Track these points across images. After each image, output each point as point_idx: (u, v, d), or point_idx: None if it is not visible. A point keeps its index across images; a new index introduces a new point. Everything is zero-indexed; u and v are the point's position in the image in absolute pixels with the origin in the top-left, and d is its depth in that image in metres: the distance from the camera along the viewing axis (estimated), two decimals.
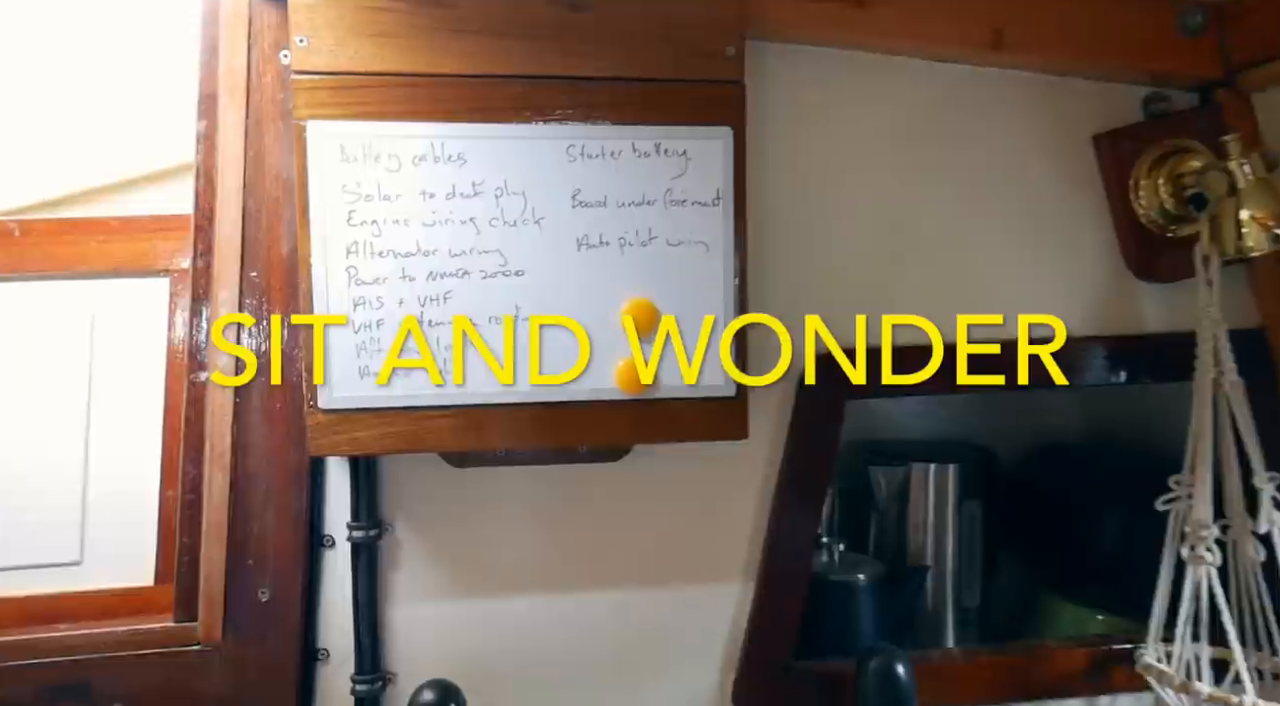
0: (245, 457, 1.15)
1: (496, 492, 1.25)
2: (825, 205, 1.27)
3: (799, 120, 1.25)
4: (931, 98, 1.28)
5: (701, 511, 1.29)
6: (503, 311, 1.07)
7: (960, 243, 1.30)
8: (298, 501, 1.17)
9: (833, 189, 1.27)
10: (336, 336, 1.05)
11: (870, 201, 1.28)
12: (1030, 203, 1.31)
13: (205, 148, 1.12)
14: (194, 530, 1.15)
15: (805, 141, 1.26)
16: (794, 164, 1.25)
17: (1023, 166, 1.30)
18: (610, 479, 1.26)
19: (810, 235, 1.27)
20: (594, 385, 1.10)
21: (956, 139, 1.29)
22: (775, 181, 1.24)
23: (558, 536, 1.26)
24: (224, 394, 1.14)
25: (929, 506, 1.63)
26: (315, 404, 1.05)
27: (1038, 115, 1.30)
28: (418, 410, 1.07)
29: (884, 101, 1.27)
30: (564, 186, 1.08)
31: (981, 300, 1.30)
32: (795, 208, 1.26)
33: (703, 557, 1.29)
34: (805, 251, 1.27)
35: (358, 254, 1.05)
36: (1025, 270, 1.31)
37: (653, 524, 1.28)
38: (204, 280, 1.13)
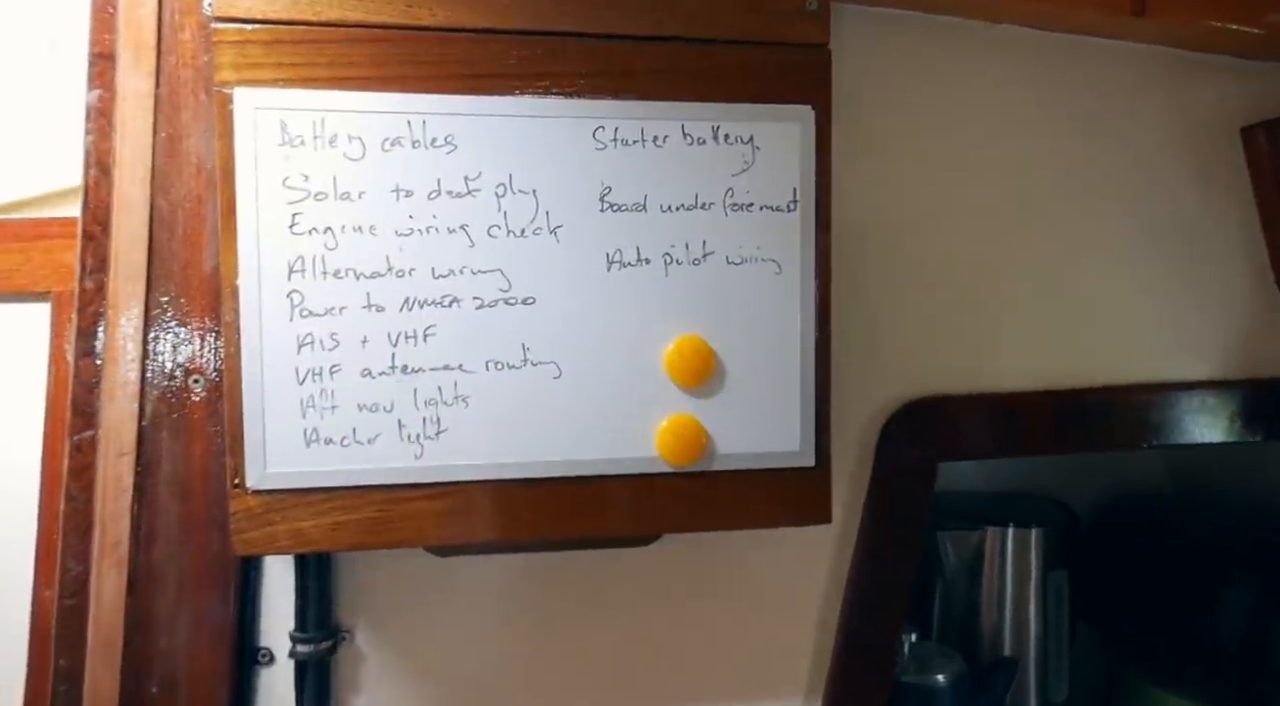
0: (149, 548, 0.85)
1: (490, 588, 0.95)
2: (913, 212, 1.00)
3: (882, 104, 0.98)
4: (1048, 77, 1.01)
5: (753, 608, 1.00)
6: (505, 353, 0.78)
7: (1079, 259, 1.02)
8: (222, 607, 0.87)
9: (923, 192, 1.00)
10: (274, 388, 0.75)
11: (971, 208, 1.00)
12: (1162, 210, 1.04)
13: (97, 127, 0.82)
14: (76, 647, 0.84)
15: (889, 131, 0.99)
16: (874, 161, 0.98)
17: (1155, 165, 1.03)
18: (638, 569, 0.98)
19: (893, 251, 1.00)
20: (628, 453, 0.80)
21: (1076, 129, 1.02)
22: (850, 182, 0.96)
23: (570, 644, 0.97)
24: (120, 461, 0.84)
25: (1007, 578, 1.35)
26: (240, 483, 0.75)
27: (1174, 101, 1.03)
28: (387, 489, 0.78)
29: (989, 81, 1.00)
30: (589, 183, 0.79)
31: (1106, 332, 1.03)
32: (874, 216, 0.98)
33: (755, 669, 1.00)
34: (886, 272, 0.99)
35: (304, 274, 0.75)
36: (1156, 296, 1.04)
37: (692, 626, 1.00)
38: (95, 306, 0.83)
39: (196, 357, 0.85)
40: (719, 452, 0.82)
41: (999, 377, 1.01)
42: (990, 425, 1.01)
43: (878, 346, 1.00)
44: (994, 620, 1.35)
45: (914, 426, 1.00)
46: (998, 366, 1.01)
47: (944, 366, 1.01)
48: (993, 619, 1.35)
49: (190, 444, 0.85)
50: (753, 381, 0.82)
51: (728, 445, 0.82)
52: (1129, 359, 1.02)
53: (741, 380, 0.82)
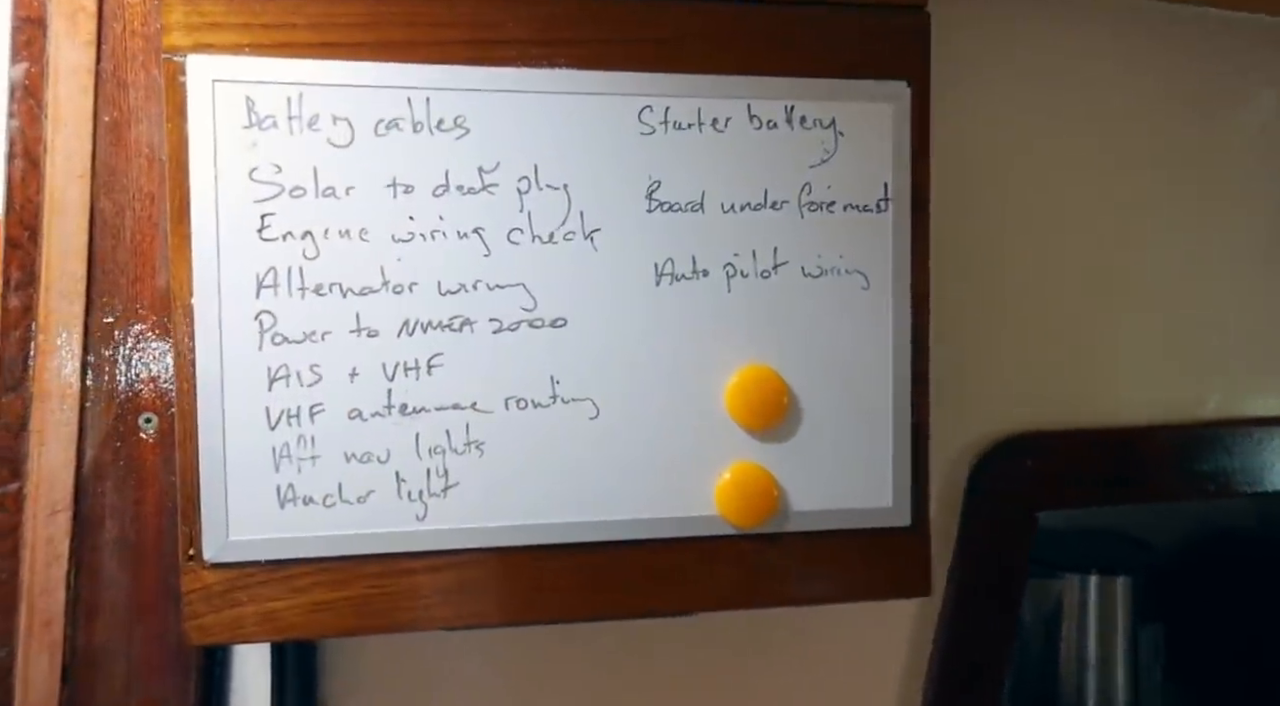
0: (89, 628, 0.69)
1: (507, 663, 0.79)
2: (1008, 214, 0.84)
3: (973, 87, 0.82)
4: (1167, 57, 0.85)
5: (818, 684, 0.84)
6: (529, 389, 0.63)
7: (1203, 267, 0.87)
8: (182, 694, 0.71)
9: (1021, 190, 0.84)
10: (238, 434, 0.59)
11: (1076, 209, 0.85)
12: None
13: (24, 109, 0.67)
14: None
15: (979, 118, 0.83)
16: (962, 153, 0.82)
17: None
18: (681, 637, 0.82)
19: (982, 259, 0.84)
20: (682, 511, 0.65)
21: (1197, 117, 0.86)
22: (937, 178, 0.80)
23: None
24: (52, 520, 0.68)
25: (1090, 633, 1.19)
26: (196, 554, 0.59)
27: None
28: (382, 559, 0.62)
29: (1098, 61, 0.84)
30: (633, 177, 0.64)
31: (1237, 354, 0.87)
32: (962, 220, 0.83)
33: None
34: (974, 284, 0.84)
35: (277, 289, 0.59)
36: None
37: (745, 704, 0.83)
38: (20, 329, 0.67)
39: (148, 392, 0.69)
40: (793, 510, 0.66)
41: (1111, 409, 0.85)
42: (1101, 466, 0.85)
43: (964, 373, 0.84)
44: (1075, 682, 1.19)
45: (1009, 469, 0.84)
46: (1109, 396, 0.85)
47: (1044, 396, 0.85)
48: (1073, 681, 1.19)
49: (141, 498, 0.69)
50: (834, 422, 0.67)
51: (804, 500, 0.66)
52: (1267, 385, 0.86)
53: (820, 420, 0.66)
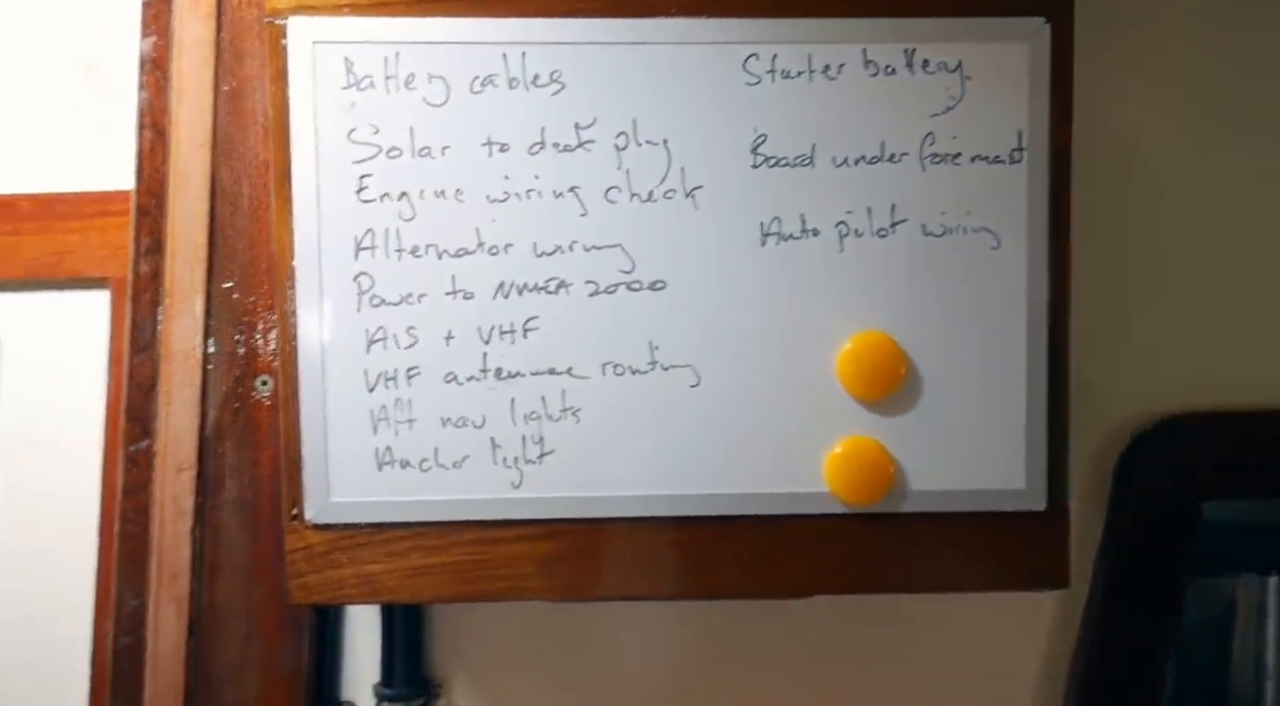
0: (213, 582, 0.72)
1: (612, 639, 0.78)
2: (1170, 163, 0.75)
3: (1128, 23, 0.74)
4: None
5: (942, 678, 0.78)
6: (626, 354, 0.60)
7: None
8: (296, 653, 0.73)
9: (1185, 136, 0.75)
10: (339, 396, 0.60)
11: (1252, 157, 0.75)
12: None
13: (151, 82, 0.69)
14: (133, 693, 0.72)
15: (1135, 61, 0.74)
16: (1114, 93, 0.74)
17: None
18: (793, 623, 0.78)
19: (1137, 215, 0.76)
20: (787, 486, 0.61)
21: None
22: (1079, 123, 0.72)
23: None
24: (179, 477, 0.71)
25: (1270, 640, 1.06)
26: (299, 515, 0.60)
27: None
28: (479, 526, 0.61)
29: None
30: (738, 130, 0.60)
31: None
32: (1112, 170, 0.74)
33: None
34: (1128, 244, 0.76)
35: (375, 251, 0.59)
36: None
37: (861, 694, 0.79)
38: (149, 293, 0.71)
39: (264, 355, 0.71)
40: (911, 489, 0.61)
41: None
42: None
43: (1114, 345, 0.76)
44: (1251, 693, 1.07)
45: (1168, 454, 0.75)
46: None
47: (1208, 373, 0.76)
48: (1250, 692, 1.07)
49: (258, 459, 0.71)
50: (959, 394, 0.61)
51: (923, 479, 0.61)
52: None
53: (943, 392, 0.61)
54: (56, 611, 0.76)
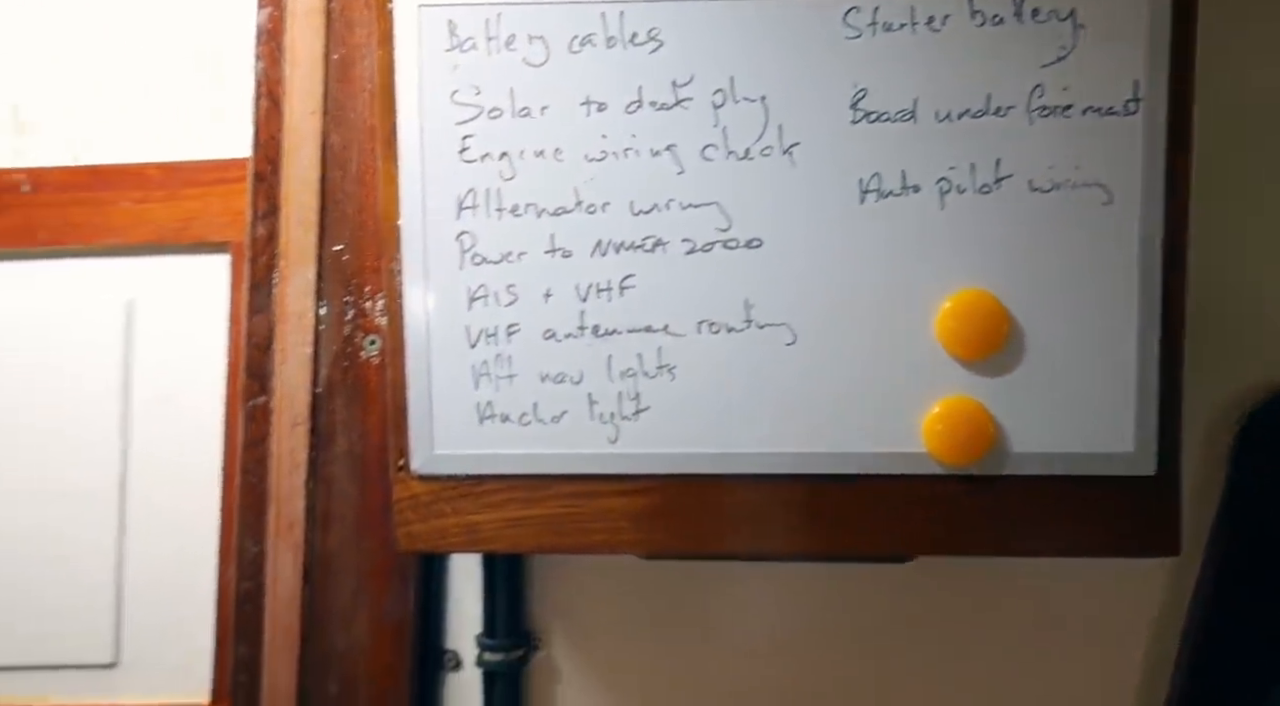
0: (325, 532, 0.75)
1: (707, 599, 0.78)
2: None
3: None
4: None
5: (1045, 647, 0.77)
6: (722, 312, 0.60)
7: None
8: (403, 601, 0.76)
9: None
10: (442, 352, 0.62)
11: None
12: None
13: (267, 52, 0.72)
14: (254, 635, 0.76)
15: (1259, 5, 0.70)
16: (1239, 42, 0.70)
17: None
18: (892, 587, 0.77)
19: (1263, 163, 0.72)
20: (884, 446, 0.60)
21: None
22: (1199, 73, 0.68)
23: (804, 671, 0.78)
24: (294, 432, 0.74)
25: None
26: (405, 466, 0.63)
27: None
28: (575, 480, 0.62)
29: None
30: (837, 85, 0.59)
31: None
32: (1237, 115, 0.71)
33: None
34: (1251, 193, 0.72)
35: (476, 210, 0.61)
36: None
37: (959, 662, 0.78)
38: (267, 256, 0.74)
39: (371, 315, 0.74)
40: (1012, 451, 0.60)
41: None
42: None
43: (1233, 306, 0.72)
44: None
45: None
46: None
47: None
48: None
49: (366, 415, 0.75)
50: (1064, 354, 0.59)
51: (1025, 441, 0.60)
52: None
53: (1047, 352, 0.59)
54: (184, 556, 0.81)
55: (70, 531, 0.81)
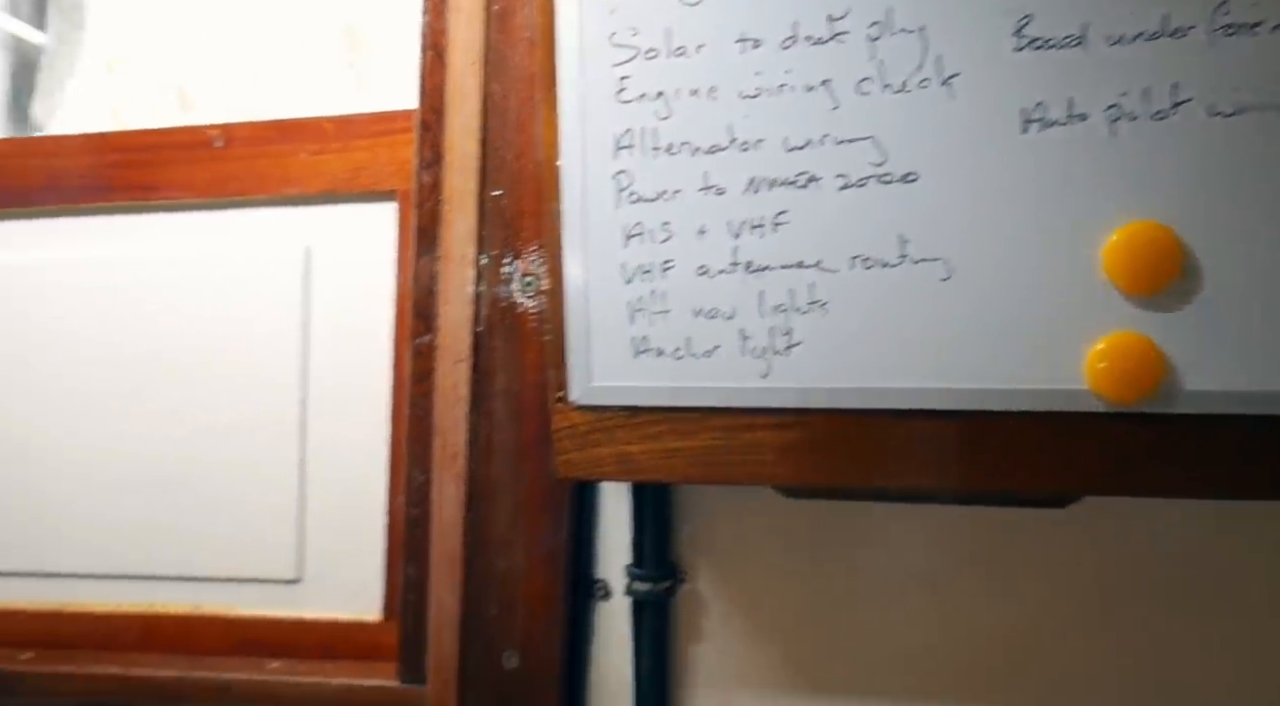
0: (486, 463, 0.80)
1: (858, 539, 0.79)
2: None
3: None
4: None
5: (1204, 608, 0.74)
6: (876, 247, 0.60)
7: None
8: (556, 530, 0.80)
9: None
10: (599, 288, 0.64)
11: None
12: None
13: (432, 5, 0.76)
14: (421, 558, 0.82)
15: None
16: None
17: None
18: (1048, 537, 0.76)
19: None
20: (1044, 382, 0.59)
21: None
22: None
23: (956, 619, 0.78)
24: (457, 368, 0.79)
25: None
26: (564, 397, 0.66)
27: None
28: (726, 413, 0.64)
29: None
30: (1000, 12, 0.58)
31: None
32: None
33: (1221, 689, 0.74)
34: None
35: (633, 150, 0.63)
36: None
37: (1119, 620, 0.75)
38: (431, 202, 0.78)
39: (527, 257, 0.77)
40: (1182, 388, 0.57)
41: None
42: None
43: None
44: None
45: None
46: None
47: None
48: None
49: (523, 353, 0.78)
50: (1243, 288, 0.56)
51: (1197, 378, 0.57)
52: None
53: (1224, 286, 0.56)
54: (357, 483, 0.88)
55: (256, 460, 0.89)
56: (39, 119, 1.57)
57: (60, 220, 0.91)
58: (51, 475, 0.92)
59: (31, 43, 1.89)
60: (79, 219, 0.90)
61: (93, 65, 2.79)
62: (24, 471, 0.93)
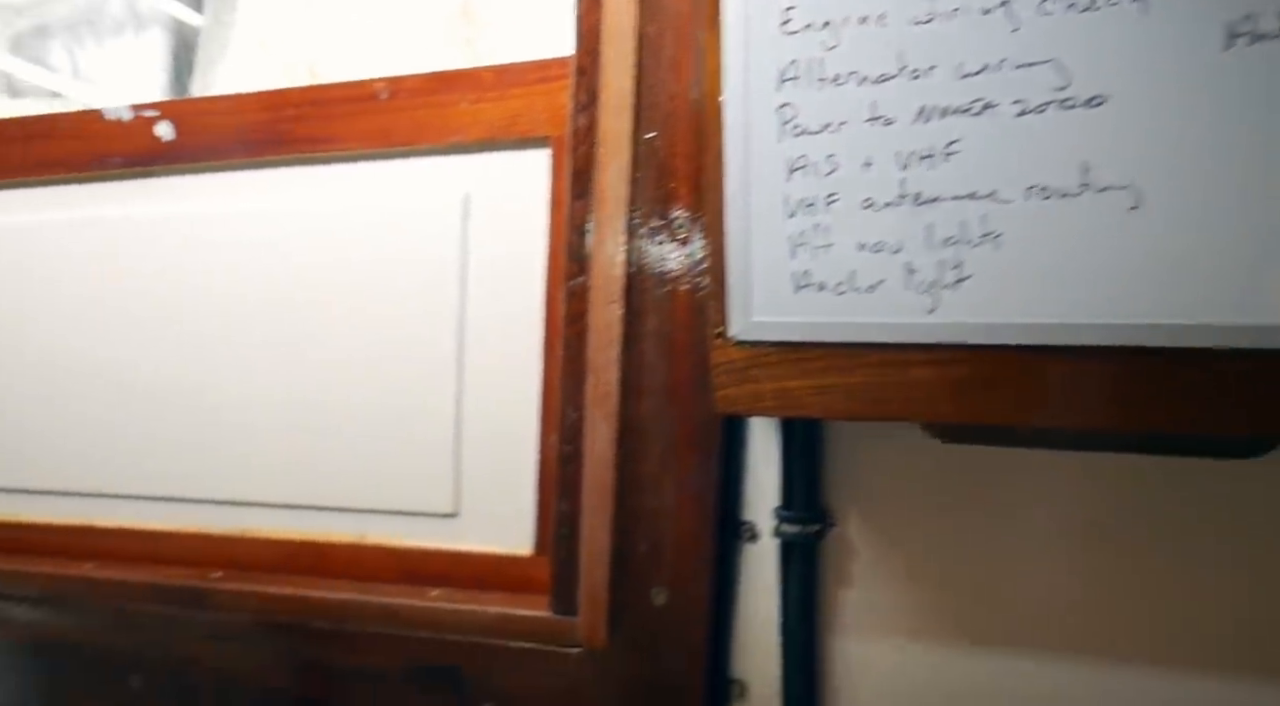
0: (637, 402, 0.81)
1: (1014, 487, 0.77)
2: None
3: None
4: None
5: None
6: (1055, 176, 0.58)
7: None
8: (705, 471, 0.80)
9: None
10: (761, 222, 0.64)
11: None
12: None
13: None
14: (573, 494, 0.84)
15: None
16: None
17: None
18: (1237, 486, 0.71)
19: None
20: (1238, 317, 0.55)
21: None
22: None
23: (1124, 573, 0.75)
24: (609, 309, 0.80)
25: None
26: (723, 332, 0.66)
27: None
28: (888, 349, 0.63)
29: None
30: None
31: None
32: None
33: None
34: None
35: (798, 82, 0.62)
36: None
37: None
38: (586, 145, 0.79)
39: (680, 198, 0.77)
40: None
41: None
42: None
43: None
44: None
45: None
46: None
47: None
48: None
49: (674, 293, 0.79)
50: None
51: None
52: None
53: None
54: (511, 421, 0.90)
55: (416, 400, 0.93)
56: (196, 95, 1.69)
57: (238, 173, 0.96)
58: (230, 412, 0.99)
59: (190, 24, 2.02)
60: (255, 172, 0.96)
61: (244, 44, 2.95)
62: (205, 409, 1.00)
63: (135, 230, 1.00)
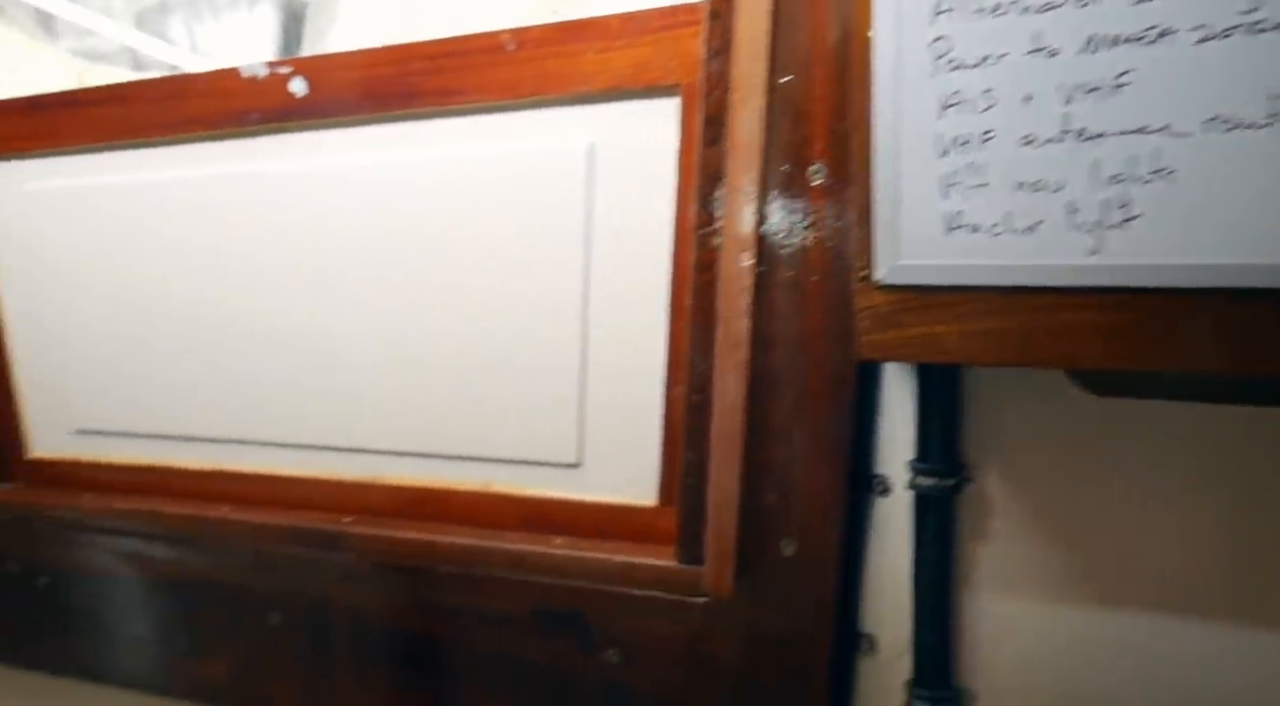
0: (767, 352, 0.80)
1: (1161, 445, 0.73)
2: None
3: None
4: None
5: None
6: (1236, 107, 0.54)
7: None
8: (837, 423, 0.79)
9: None
10: (910, 162, 0.62)
11: None
12: None
13: None
14: (701, 444, 0.84)
15: None
16: None
17: None
18: None
19: None
20: None
21: None
22: None
23: (1276, 535, 0.71)
24: (740, 258, 0.79)
25: None
26: (869, 275, 0.65)
27: None
28: (1046, 293, 0.60)
29: None
30: None
31: None
32: None
33: None
34: None
35: (954, 13, 0.59)
36: None
37: None
38: (718, 91, 0.78)
39: (817, 143, 0.75)
40: None
41: None
42: None
43: None
44: None
45: None
46: None
47: None
48: None
49: (809, 242, 0.77)
50: None
51: None
52: None
53: None
54: (636, 372, 0.91)
55: (541, 350, 0.94)
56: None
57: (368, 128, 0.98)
58: (360, 363, 1.02)
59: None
60: (384, 126, 0.97)
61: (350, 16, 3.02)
62: (336, 360, 1.03)
63: (268, 184, 1.03)
